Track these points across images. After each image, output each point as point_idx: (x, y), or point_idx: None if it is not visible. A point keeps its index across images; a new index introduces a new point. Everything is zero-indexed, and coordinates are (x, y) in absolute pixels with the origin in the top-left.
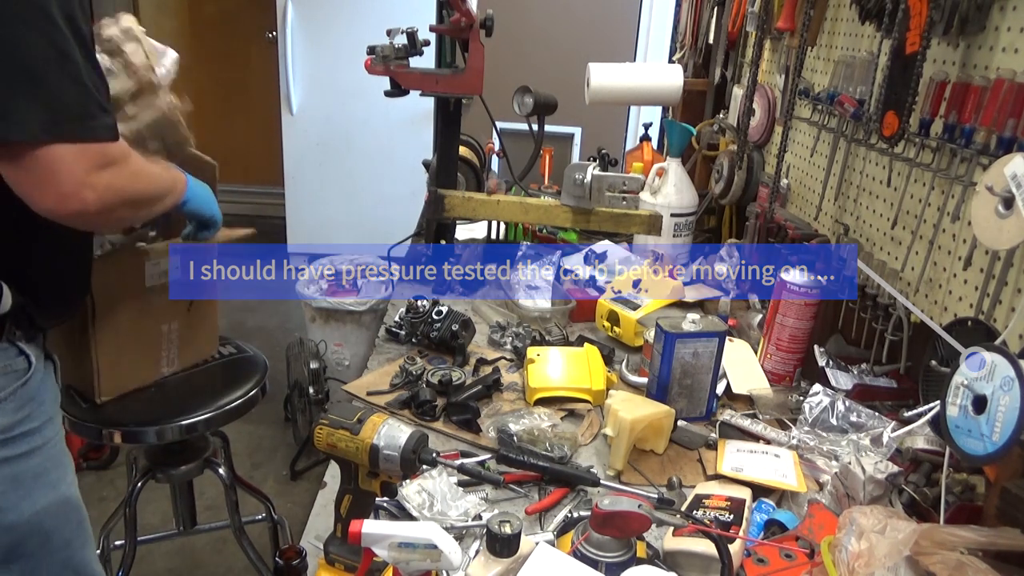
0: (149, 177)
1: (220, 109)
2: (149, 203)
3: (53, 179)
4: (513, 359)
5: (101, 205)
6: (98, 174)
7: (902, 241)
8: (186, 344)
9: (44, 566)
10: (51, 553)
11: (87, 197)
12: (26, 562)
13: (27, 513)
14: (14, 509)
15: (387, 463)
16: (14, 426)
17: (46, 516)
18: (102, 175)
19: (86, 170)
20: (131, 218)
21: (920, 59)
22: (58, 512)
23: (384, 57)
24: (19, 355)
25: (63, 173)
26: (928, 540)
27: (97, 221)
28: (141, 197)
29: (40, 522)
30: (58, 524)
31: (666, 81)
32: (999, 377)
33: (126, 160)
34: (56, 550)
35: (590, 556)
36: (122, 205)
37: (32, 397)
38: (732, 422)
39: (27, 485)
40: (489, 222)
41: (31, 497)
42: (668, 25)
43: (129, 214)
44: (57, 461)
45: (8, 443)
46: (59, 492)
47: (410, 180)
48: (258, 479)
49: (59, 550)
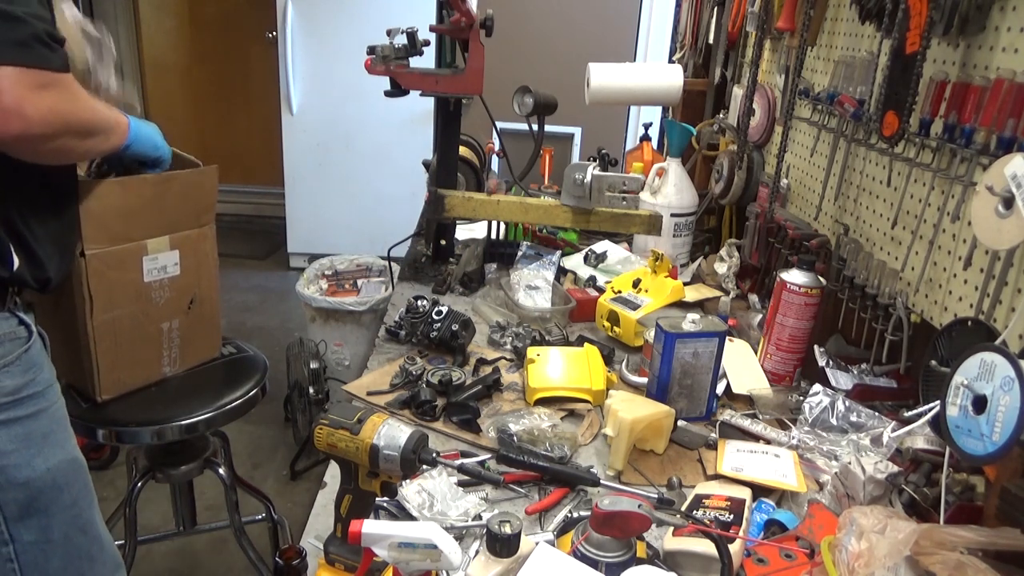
0: (92, 108)
1: (220, 109)
2: (92, 134)
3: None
4: (513, 359)
5: (44, 127)
6: (39, 94)
7: (902, 241)
8: (187, 344)
9: (56, 523)
10: (62, 510)
11: (29, 114)
12: (40, 518)
13: (40, 469)
14: (28, 465)
15: (387, 463)
16: (22, 388)
17: (57, 473)
18: (43, 96)
19: (28, 87)
20: (75, 148)
21: (920, 59)
22: (68, 470)
23: (384, 57)
24: (20, 324)
25: (3, 91)
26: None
27: (41, 147)
28: (84, 126)
29: (52, 479)
30: (68, 481)
31: (666, 81)
32: (999, 377)
33: (68, 86)
34: (66, 507)
35: (590, 556)
36: (65, 132)
37: (34, 363)
38: (732, 422)
39: (37, 443)
40: (489, 222)
41: (43, 454)
42: (668, 25)
43: (73, 144)
44: (61, 424)
45: (18, 404)
46: (67, 451)
47: (410, 180)
48: (258, 479)
49: (69, 508)
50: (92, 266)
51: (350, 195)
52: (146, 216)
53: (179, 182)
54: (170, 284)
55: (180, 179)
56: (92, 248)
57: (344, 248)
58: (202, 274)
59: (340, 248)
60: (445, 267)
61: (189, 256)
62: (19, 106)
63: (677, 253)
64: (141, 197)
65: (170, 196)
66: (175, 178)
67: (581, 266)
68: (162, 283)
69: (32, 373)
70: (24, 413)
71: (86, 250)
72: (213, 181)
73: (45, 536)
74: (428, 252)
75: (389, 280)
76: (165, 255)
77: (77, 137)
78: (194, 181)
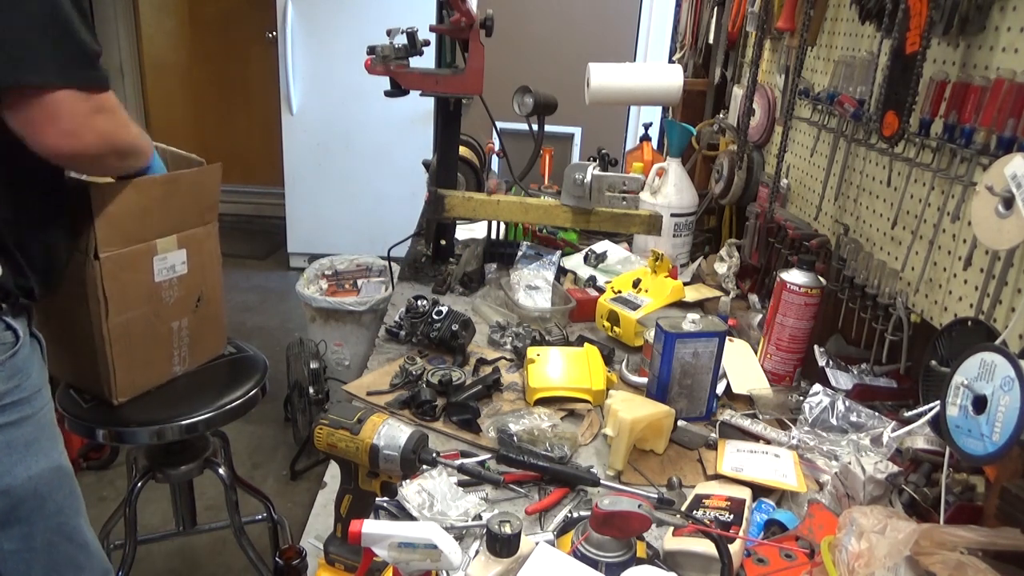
0: (135, 132)
1: (220, 109)
2: (133, 155)
3: (58, 120)
4: (513, 359)
5: (97, 148)
6: (95, 118)
7: (902, 241)
8: (196, 342)
9: (39, 531)
10: (45, 518)
11: (87, 139)
12: (22, 526)
13: (21, 478)
14: (9, 473)
15: (387, 463)
16: (4, 395)
17: (40, 482)
18: (99, 120)
19: (87, 113)
20: (116, 166)
21: (920, 59)
22: (51, 478)
23: (384, 57)
24: (6, 329)
25: (67, 114)
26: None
27: (90, 164)
28: (128, 148)
29: (35, 487)
30: (51, 490)
31: (666, 81)
32: (999, 377)
33: (117, 110)
34: (50, 515)
35: (590, 556)
36: (113, 152)
37: (20, 369)
38: (732, 422)
39: (20, 451)
40: (489, 222)
41: (24, 462)
42: (668, 25)
43: (116, 162)
44: (47, 431)
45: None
46: (51, 459)
47: (410, 180)
48: (258, 479)
49: (53, 516)
50: (107, 268)
51: (350, 195)
52: (156, 216)
53: (185, 181)
54: (179, 283)
55: (186, 178)
56: (106, 251)
57: (344, 248)
58: (207, 272)
59: (340, 248)
60: (445, 267)
61: (195, 254)
62: (80, 131)
63: (677, 253)
64: (151, 198)
65: (177, 195)
66: (182, 178)
67: (581, 266)
68: (171, 282)
69: (17, 379)
70: (6, 420)
71: (100, 253)
72: (216, 179)
73: (27, 544)
74: (428, 252)
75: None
76: (174, 254)
77: (118, 157)
78: (199, 180)
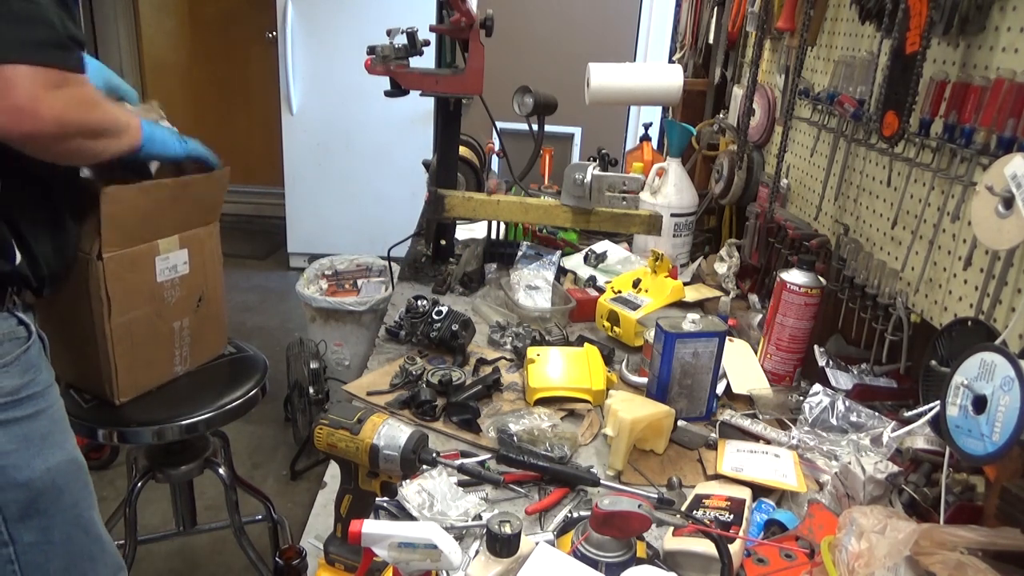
0: (104, 109)
1: (220, 109)
2: (104, 135)
3: (8, 93)
4: (513, 359)
5: (56, 126)
6: (53, 93)
7: (902, 241)
8: (197, 342)
9: (57, 523)
10: (63, 511)
11: (42, 114)
12: (41, 519)
13: (40, 470)
14: (28, 466)
15: (387, 463)
16: (21, 388)
17: (57, 474)
18: (57, 95)
19: (42, 86)
20: (88, 150)
21: (920, 59)
22: (67, 470)
23: (384, 57)
24: (19, 324)
25: (18, 88)
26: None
27: (53, 146)
28: (97, 127)
29: (52, 479)
30: (68, 482)
31: (666, 81)
32: (999, 377)
33: (81, 86)
34: (67, 508)
35: (590, 556)
36: (78, 133)
37: (33, 364)
38: (732, 422)
39: (37, 444)
40: (489, 222)
41: (42, 455)
42: (668, 25)
43: (86, 146)
44: (61, 425)
45: (17, 404)
46: (66, 451)
47: (410, 180)
48: (258, 479)
49: (70, 508)
50: (110, 269)
51: (350, 195)
52: (161, 218)
53: (196, 187)
54: (180, 283)
55: (197, 183)
56: (109, 251)
57: (344, 248)
58: (208, 271)
59: (340, 248)
60: (445, 267)
61: (197, 254)
62: (33, 104)
63: (677, 253)
64: (159, 201)
65: (185, 199)
66: (192, 183)
67: (581, 266)
68: (173, 282)
69: (32, 374)
70: (23, 414)
71: (103, 253)
72: (224, 183)
73: (46, 537)
74: (428, 252)
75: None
76: (175, 254)
77: (89, 137)
78: (209, 185)
